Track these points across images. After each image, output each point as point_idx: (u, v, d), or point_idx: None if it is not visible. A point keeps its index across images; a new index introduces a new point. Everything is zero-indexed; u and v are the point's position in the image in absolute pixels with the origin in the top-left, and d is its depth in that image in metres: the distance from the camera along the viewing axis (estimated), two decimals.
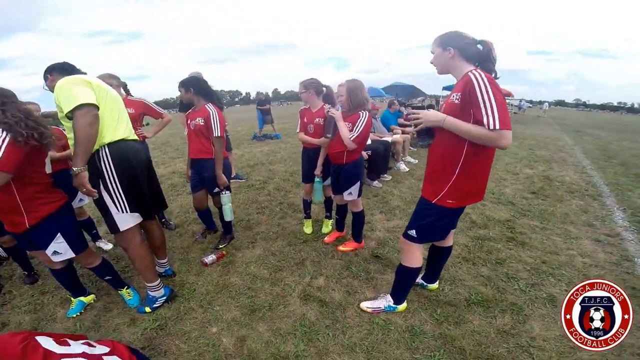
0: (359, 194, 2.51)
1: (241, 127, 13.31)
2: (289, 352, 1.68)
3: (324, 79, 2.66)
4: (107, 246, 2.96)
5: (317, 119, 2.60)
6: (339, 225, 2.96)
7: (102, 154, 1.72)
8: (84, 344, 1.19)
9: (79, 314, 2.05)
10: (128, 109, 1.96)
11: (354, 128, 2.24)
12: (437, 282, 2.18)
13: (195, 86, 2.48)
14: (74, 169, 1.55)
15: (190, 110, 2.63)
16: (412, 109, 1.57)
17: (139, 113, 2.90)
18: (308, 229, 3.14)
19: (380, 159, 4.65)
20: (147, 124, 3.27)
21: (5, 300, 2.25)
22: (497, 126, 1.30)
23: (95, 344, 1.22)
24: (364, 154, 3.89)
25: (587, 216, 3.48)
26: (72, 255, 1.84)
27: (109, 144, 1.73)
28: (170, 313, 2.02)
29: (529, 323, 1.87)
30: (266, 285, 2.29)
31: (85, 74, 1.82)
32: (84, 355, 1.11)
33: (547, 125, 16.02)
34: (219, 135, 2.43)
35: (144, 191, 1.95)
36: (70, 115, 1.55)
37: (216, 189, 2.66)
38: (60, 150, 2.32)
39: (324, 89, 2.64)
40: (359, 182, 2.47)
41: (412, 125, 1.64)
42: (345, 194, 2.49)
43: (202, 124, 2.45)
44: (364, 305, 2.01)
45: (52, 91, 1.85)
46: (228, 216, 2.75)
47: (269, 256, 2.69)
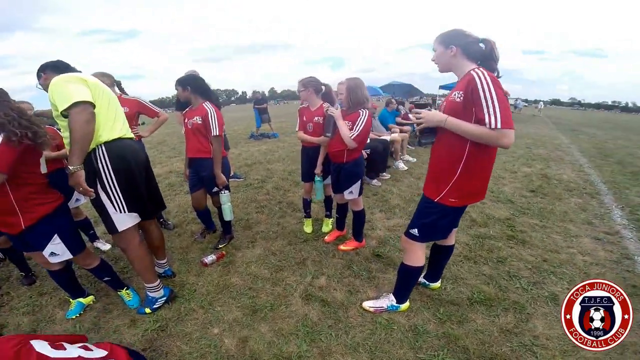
0: (360, 193, 2.50)
1: (238, 126, 13.25)
2: (291, 353, 1.67)
3: (321, 78, 2.62)
4: (105, 247, 2.93)
5: (316, 118, 2.58)
6: (340, 224, 2.95)
7: (99, 152, 1.68)
8: (81, 347, 1.17)
9: (78, 315, 2.02)
10: (123, 108, 1.92)
11: (354, 127, 2.22)
12: (440, 281, 2.18)
13: (192, 84, 2.44)
14: (70, 168, 1.51)
15: (187, 109, 2.60)
16: (415, 107, 1.55)
17: (134, 112, 2.83)
18: (308, 228, 3.12)
19: (379, 158, 4.65)
20: (143, 123, 3.22)
21: (3, 302, 2.21)
22: (499, 125, 1.29)
23: (92, 348, 1.21)
24: (364, 152, 3.87)
25: (586, 214, 3.49)
26: (70, 256, 1.81)
27: (106, 143, 1.69)
28: (170, 314, 2.00)
29: (531, 322, 1.87)
30: (267, 285, 2.27)
31: (79, 72, 1.78)
32: (79, 359, 1.10)
33: (543, 124, 16.11)
34: (218, 134, 2.40)
35: (142, 191, 1.91)
36: (65, 114, 1.51)
37: (215, 189, 2.63)
38: (55, 149, 2.28)
39: (323, 87, 2.61)
40: (360, 181, 2.46)
41: (415, 124, 1.63)
42: (345, 192, 2.47)
43: (200, 122, 2.42)
44: (367, 304, 1.99)
45: (46, 90, 1.80)
46: (227, 216, 2.73)
47: (270, 256, 2.67)
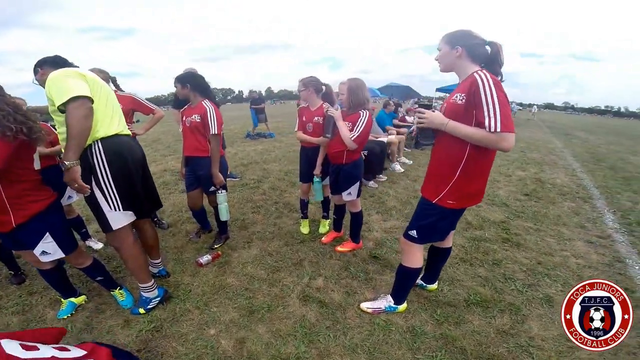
0: (358, 194, 2.50)
1: (234, 125, 13.18)
2: (289, 354, 1.65)
3: (319, 79, 2.62)
4: (98, 245, 2.88)
5: (316, 118, 2.57)
6: (337, 226, 2.94)
7: (95, 148, 1.64)
8: (57, 347, 1.13)
9: (70, 315, 1.98)
10: None
11: (355, 128, 2.21)
12: (437, 283, 2.18)
13: (191, 82, 2.41)
14: (66, 163, 1.47)
15: (186, 107, 2.56)
16: (419, 107, 1.54)
17: (129, 109, 2.77)
18: (305, 229, 3.10)
19: (376, 160, 4.66)
20: (137, 120, 3.16)
21: None
22: (498, 128, 1.30)
23: (70, 348, 1.16)
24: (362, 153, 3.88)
25: (579, 218, 3.54)
26: (62, 255, 1.77)
27: (103, 139, 1.66)
28: (165, 314, 1.97)
29: (527, 323, 1.89)
30: (264, 286, 2.25)
31: (77, 67, 1.74)
32: (52, 359, 1.06)
33: (537, 128, 16.34)
34: (217, 132, 2.38)
35: (139, 189, 1.87)
36: (62, 109, 1.48)
37: (212, 188, 2.60)
38: (49, 146, 2.24)
39: (323, 87, 2.61)
40: (359, 183, 2.45)
41: (416, 123, 1.62)
42: (344, 194, 2.47)
43: (199, 120, 2.39)
44: (364, 305, 1.99)
45: (42, 85, 1.77)
46: (224, 216, 2.70)
47: (266, 256, 2.65)
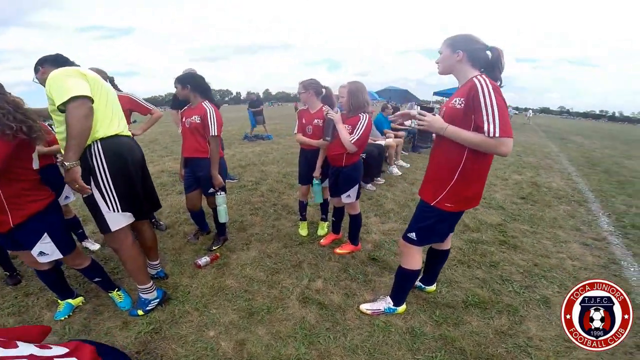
0: (357, 197, 2.51)
1: (232, 127, 13.16)
2: (290, 356, 1.65)
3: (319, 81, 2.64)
4: (94, 246, 2.86)
5: (316, 120, 2.58)
6: (336, 228, 2.95)
7: (95, 149, 1.63)
8: (38, 346, 1.10)
9: (67, 316, 1.96)
10: None
11: (354, 131, 2.23)
12: (435, 285, 2.20)
13: (192, 83, 2.41)
14: (66, 164, 1.46)
15: (185, 107, 2.57)
16: (421, 110, 1.54)
17: (126, 109, 2.73)
18: (303, 231, 3.10)
19: (375, 163, 4.68)
20: (135, 121, 3.14)
21: None
22: (497, 133, 1.32)
23: (52, 346, 1.14)
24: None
25: (575, 221, 3.59)
26: (60, 256, 1.75)
27: (102, 139, 1.65)
28: (164, 316, 1.95)
29: (525, 324, 1.91)
30: (263, 287, 2.25)
31: (78, 66, 1.73)
32: (31, 357, 1.04)
33: (533, 132, 16.52)
34: (216, 134, 2.38)
35: (138, 190, 1.87)
36: (62, 108, 1.47)
37: (211, 190, 2.60)
38: (46, 146, 2.22)
39: (323, 90, 2.62)
40: (358, 185, 2.46)
41: (416, 125, 1.62)
42: (343, 196, 2.48)
43: (199, 121, 2.39)
44: (364, 307, 1.99)
45: (42, 84, 1.77)
46: (223, 217, 2.69)
47: (265, 258, 2.65)
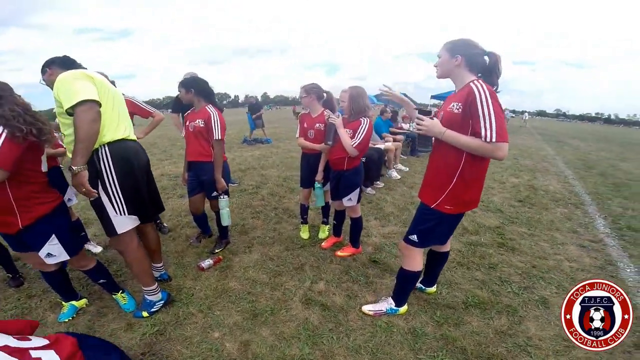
0: (358, 200, 2.55)
1: (231, 131, 13.17)
2: (294, 356, 1.68)
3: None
4: (97, 249, 2.87)
5: (318, 125, 2.62)
6: (337, 231, 2.98)
7: (102, 153, 1.65)
8: (17, 337, 1.08)
9: (71, 318, 1.97)
10: None
11: (356, 135, 2.27)
12: (435, 286, 2.23)
13: (195, 87, 2.44)
14: (74, 168, 1.48)
15: (189, 111, 2.59)
16: (419, 114, 1.58)
17: (128, 112, 2.80)
18: (305, 234, 3.13)
19: (374, 166, 4.73)
20: (133, 125, 3.15)
21: None
22: (494, 139, 1.36)
23: (32, 338, 1.11)
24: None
25: (571, 223, 3.64)
26: (67, 257, 1.76)
27: (109, 143, 1.67)
28: (168, 318, 1.97)
29: (524, 324, 1.94)
30: (266, 289, 2.27)
31: (85, 69, 1.74)
32: (4, 348, 1.02)
33: (529, 135, 16.67)
34: (220, 138, 2.42)
35: (144, 194, 1.90)
36: (70, 111, 1.47)
37: (214, 193, 2.62)
38: (53, 148, 2.24)
39: (324, 94, 2.67)
40: (359, 189, 2.50)
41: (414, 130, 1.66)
42: (344, 199, 2.51)
43: (202, 125, 2.42)
44: (366, 308, 2.02)
45: (49, 85, 1.78)
46: (225, 221, 2.72)
47: (267, 261, 2.67)
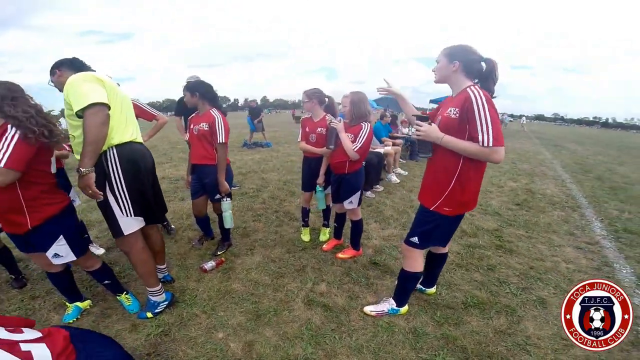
0: (359, 203, 2.59)
1: (231, 134, 13.21)
2: (298, 355, 1.71)
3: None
4: (99, 251, 2.89)
5: (319, 129, 2.67)
6: (337, 234, 3.01)
7: (110, 155, 1.68)
8: (10, 330, 1.06)
9: (75, 319, 1.99)
10: None
11: (357, 139, 2.32)
12: (435, 287, 2.27)
13: (200, 90, 2.47)
14: (82, 170, 1.50)
15: (193, 115, 2.64)
16: (417, 120, 1.62)
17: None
18: (306, 236, 3.16)
19: (374, 170, 4.77)
20: None
21: None
22: (491, 143, 1.41)
23: (25, 330, 1.10)
24: None
25: (568, 226, 3.69)
26: (73, 258, 1.78)
27: (117, 146, 1.70)
28: (173, 319, 2.00)
29: (523, 323, 1.98)
30: (269, 291, 2.30)
31: (94, 71, 1.76)
32: None
33: (527, 139, 16.81)
34: (224, 141, 2.46)
35: (149, 196, 1.93)
36: (80, 114, 1.49)
37: (217, 196, 2.66)
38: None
39: (326, 99, 2.72)
40: (360, 192, 2.54)
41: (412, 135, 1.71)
42: (346, 202, 2.55)
43: (207, 129, 2.46)
44: (368, 309, 2.05)
45: (57, 87, 1.80)
46: (228, 223, 2.74)
47: (269, 263, 2.70)
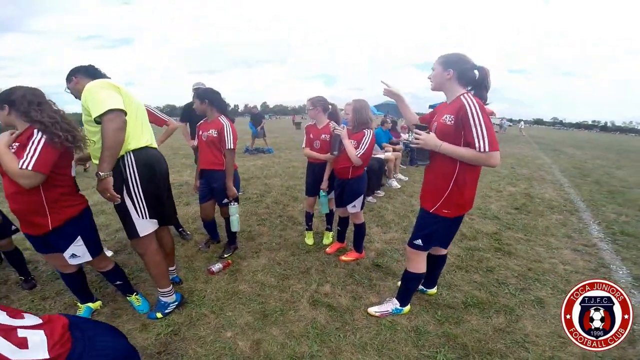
0: (362, 207, 2.67)
1: None
2: (304, 353, 1.77)
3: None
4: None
5: (323, 135, 2.76)
6: (340, 237, 3.09)
7: (128, 160, 1.75)
8: (10, 314, 1.02)
9: None
10: None
11: (360, 145, 2.42)
12: (435, 288, 2.34)
13: (210, 97, 2.56)
14: (100, 174, 1.56)
15: (202, 122, 2.72)
16: (417, 128, 1.70)
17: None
18: (310, 240, 3.23)
19: (375, 176, 4.85)
20: None
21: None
22: (487, 149, 1.49)
23: (27, 316, 1.06)
24: None
25: (566, 229, 3.76)
26: (89, 258, 1.84)
27: (134, 151, 1.77)
28: (182, 319, 2.06)
29: (521, 322, 2.05)
30: (275, 292, 2.37)
31: (109, 78, 1.83)
32: None
33: (526, 144, 16.91)
34: (232, 147, 2.54)
35: (164, 200, 2.00)
36: (98, 120, 1.55)
37: (225, 200, 2.74)
38: None
39: (330, 106, 2.81)
40: (362, 196, 2.63)
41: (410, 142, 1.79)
42: (349, 206, 2.63)
43: (215, 135, 2.53)
44: (372, 310, 2.11)
45: (74, 94, 1.88)
46: (235, 227, 2.82)
47: (274, 265, 2.78)
